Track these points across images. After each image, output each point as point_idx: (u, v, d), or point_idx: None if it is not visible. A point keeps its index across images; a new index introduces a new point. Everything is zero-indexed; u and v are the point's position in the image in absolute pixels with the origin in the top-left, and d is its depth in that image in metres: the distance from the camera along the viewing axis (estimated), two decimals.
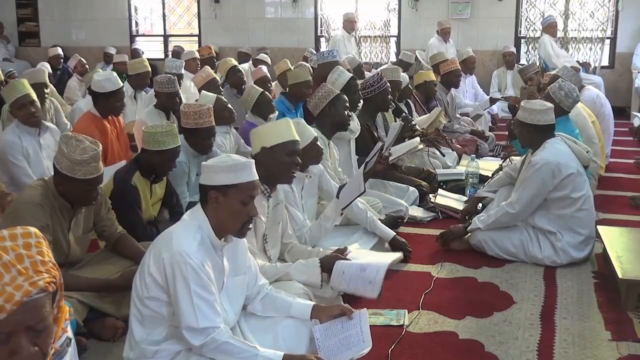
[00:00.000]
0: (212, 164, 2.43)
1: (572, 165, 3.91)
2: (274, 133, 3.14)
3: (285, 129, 3.17)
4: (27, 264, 1.34)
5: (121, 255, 3.35)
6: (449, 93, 7.09)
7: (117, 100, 4.90)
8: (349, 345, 2.56)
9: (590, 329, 3.19)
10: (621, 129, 8.24)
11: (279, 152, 3.09)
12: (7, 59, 11.68)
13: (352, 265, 3.03)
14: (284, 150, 3.10)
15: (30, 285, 1.32)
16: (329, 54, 6.66)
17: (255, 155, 3.11)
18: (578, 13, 10.30)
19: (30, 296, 1.31)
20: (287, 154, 3.11)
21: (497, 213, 4.05)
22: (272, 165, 3.08)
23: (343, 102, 4.37)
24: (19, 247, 1.35)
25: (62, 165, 2.95)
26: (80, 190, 3.00)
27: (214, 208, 2.42)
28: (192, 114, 4.11)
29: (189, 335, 2.32)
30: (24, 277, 1.32)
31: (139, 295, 2.41)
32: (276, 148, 3.10)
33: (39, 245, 1.38)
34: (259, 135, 3.18)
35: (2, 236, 1.35)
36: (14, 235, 1.36)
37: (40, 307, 1.34)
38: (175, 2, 12.19)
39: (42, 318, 1.34)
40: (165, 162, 3.68)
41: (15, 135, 4.42)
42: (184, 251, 2.30)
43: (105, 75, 5.00)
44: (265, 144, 3.11)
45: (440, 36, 9.80)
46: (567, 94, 4.61)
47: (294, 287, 2.89)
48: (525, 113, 3.99)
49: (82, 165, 2.93)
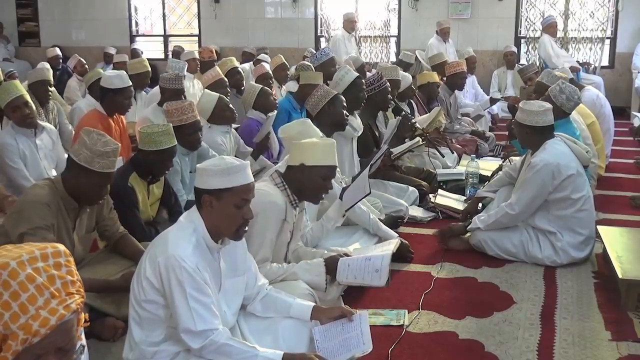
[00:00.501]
0: (206, 167, 2.41)
1: (572, 166, 3.91)
2: (318, 154, 3.06)
3: (329, 153, 3.10)
4: (59, 285, 1.35)
5: (122, 255, 3.35)
6: (452, 94, 7.08)
7: (125, 98, 4.94)
8: (348, 347, 2.56)
9: (590, 329, 3.19)
10: (621, 129, 8.24)
11: (316, 174, 3.04)
12: (7, 59, 11.68)
13: (357, 258, 3.07)
14: (321, 173, 3.05)
15: (64, 309, 1.33)
16: (321, 54, 6.86)
17: (293, 167, 3.07)
18: (578, 13, 10.30)
19: (64, 319, 1.32)
20: (323, 178, 3.07)
21: (497, 214, 4.05)
22: (306, 183, 3.05)
23: (341, 102, 4.38)
24: (51, 268, 1.35)
25: (80, 157, 2.97)
26: (94, 184, 3.02)
27: (208, 212, 2.40)
28: (174, 111, 4.12)
29: (187, 338, 2.32)
30: (58, 301, 1.33)
31: (136, 298, 2.41)
32: (316, 169, 3.04)
33: (69, 264, 1.39)
34: (302, 150, 3.07)
35: (35, 257, 1.34)
36: (45, 256, 1.35)
37: (71, 328, 1.35)
38: (175, 2, 12.19)
39: (71, 338, 1.36)
40: (162, 162, 3.67)
41: (10, 137, 4.37)
42: (179, 255, 2.30)
43: (115, 72, 5.09)
44: (306, 162, 3.03)
45: (440, 36, 9.79)
46: (568, 97, 4.59)
47: (298, 288, 2.89)
48: (524, 114, 3.98)
49: (102, 158, 2.96)
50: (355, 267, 3.01)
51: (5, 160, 4.33)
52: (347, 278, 3.02)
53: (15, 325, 1.29)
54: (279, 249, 3.12)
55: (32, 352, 1.30)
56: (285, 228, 3.08)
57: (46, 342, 1.30)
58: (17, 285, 1.30)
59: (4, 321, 1.28)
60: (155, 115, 5.21)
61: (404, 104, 6.34)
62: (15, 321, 1.29)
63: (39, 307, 1.30)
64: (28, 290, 1.30)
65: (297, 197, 3.09)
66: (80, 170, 2.98)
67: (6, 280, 1.29)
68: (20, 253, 1.34)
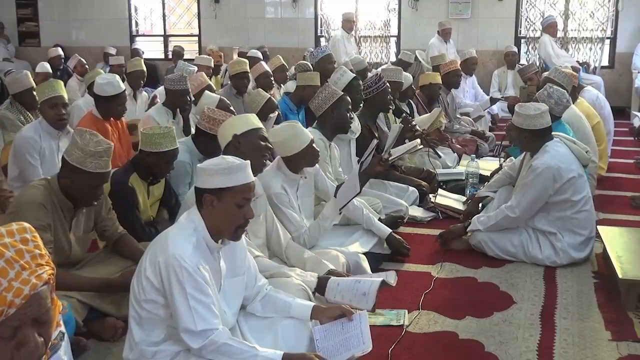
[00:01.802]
0: (206, 166, 2.42)
1: (573, 169, 3.89)
2: (244, 121, 3.36)
3: (253, 118, 3.39)
4: (28, 258, 1.37)
5: (122, 255, 3.35)
6: (449, 93, 7.09)
7: (118, 104, 4.89)
8: (348, 347, 2.56)
9: (590, 329, 3.18)
10: (621, 129, 8.24)
11: (250, 138, 3.25)
12: (7, 59, 11.69)
13: (346, 279, 3.08)
14: (255, 135, 3.27)
15: (36, 278, 1.35)
16: (318, 51, 7.03)
17: (227, 144, 3.27)
18: (578, 13, 10.30)
19: (37, 289, 1.35)
20: (259, 138, 3.28)
21: (497, 216, 4.04)
22: (245, 150, 3.15)
23: (346, 104, 4.38)
24: (18, 243, 1.38)
25: (72, 157, 2.97)
26: (87, 185, 3.01)
27: (209, 211, 2.41)
28: (216, 121, 3.98)
29: (187, 338, 2.32)
30: (29, 272, 1.35)
31: (136, 297, 2.41)
32: (248, 134, 3.26)
33: (35, 239, 1.42)
34: (228, 124, 3.36)
35: (0, 234, 1.38)
36: (11, 232, 1.39)
37: (45, 298, 1.38)
38: (175, 2, 12.19)
39: (47, 309, 1.38)
40: (162, 164, 3.66)
41: (35, 133, 4.37)
42: (179, 254, 2.30)
43: (107, 78, 4.97)
44: (237, 131, 3.27)
45: (441, 36, 9.79)
46: (557, 102, 4.52)
47: (291, 284, 2.89)
48: (520, 118, 3.95)
49: (94, 158, 2.95)
50: (343, 288, 2.99)
51: (25, 155, 4.32)
52: (335, 297, 3.00)
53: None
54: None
55: (8, 325, 1.33)
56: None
57: (21, 312, 1.33)
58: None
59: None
60: (159, 115, 5.19)
61: (404, 104, 6.34)
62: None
63: (11, 279, 1.33)
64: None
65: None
66: (73, 170, 2.97)
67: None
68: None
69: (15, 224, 1.42)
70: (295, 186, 3.67)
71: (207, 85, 5.86)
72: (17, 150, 4.37)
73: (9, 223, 1.43)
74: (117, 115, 4.98)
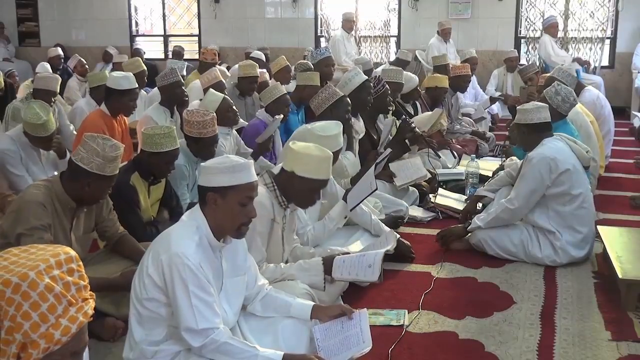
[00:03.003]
0: (210, 165, 2.42)
1: (569, 162, 3.91)
2: (311, 166, 3.00)
3: (323, 167, 3.03)
4: (74, 292, 1.38)
5: (122, 255, 3.35)
6: (454, 95, 7.08)
7: (130, 99, 4.94)
8: (349, 346, 2.56)
9: (590, 329, 3.19)
10: (621, 129, 8.23)
11: (305, 185, 3.02)
12: (7, 59, 11.68)
13: (352, 255, 3.15)
14: (310, 185, 3.03)
15: (82, 316, 1.37)
16: (318, 52, 6.96)
17: (285, 171, 3.06)
18: (578, 13, 10.31)
19: (82, 326, 1.37)
20: (311, 190, 3.05)
21: (496, 210, 4.06)
22: (295, 190, 3.05)
23: (346, 105, 4.40)
24: (65, 275, 1.38)
25: (92, 165, 2.96)
26: (103, 188, 3.05)
27: (212, 209, 2.41)
28: (195, 123, 4.02)
29: (188, 337, 2.32)
30: (76, 308, 1.37)
31: (137, 296, 2.41)
32: (305, 180, 3.01)
33: (80, 269, 1.42)
34: (297, 158, 3.02)
35: (50, 265, 1.37)
36: (59, 263, 1.39)
37: (85, 332, 1.40)
38: (175, 2, 12.19)
39: (85, 342, 1.41)
40: (162, 165, 3.66)
41: (12, 144, 4.29)
42: (182, 252, 2.30)
43: (122, 73, 5.08)
44: (297, 171, 2.99)
45: (441, 36, 9.79)
46: (564, 99, 4.58)
47: (297, 288, 2.89)
48: (520, 114, 4.05)
49: (112, 162, 3.00)
50: (349, 264, 3.07)
51: (6, 166, 4.26)
52: (342, 274, 3.07)
53: (35, 334, 1.32)
54: (273, 249, 3.13)
55: (50, 359, 1.34)
56: (276, 228, 3.10)
57: (64, 348, 1.35)
58: (37, 295, 1.33)
59: (23, 331, 1.31)
60: (157, 115, 5.20)
61: (409, 105, 6.34)
62: (36, 330, 1.32)
63: (59, 315, 1.34)
64: (48, 300, 1.33)
65: (286, 199, 3.10)
66: (90, 177, 2.98)
67: (26, 292, 1.32)
68: (36, 262, 1.36)
69: (62, 252, 1.41)
70: None
71: (219, 81, 5.84)
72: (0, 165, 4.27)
73: (55, 248, 1.41)
74: (128, 110, 5.01)
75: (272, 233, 3.08)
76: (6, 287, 1.31)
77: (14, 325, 1.31)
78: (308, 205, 3.18)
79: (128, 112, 5.04)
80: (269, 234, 3.06)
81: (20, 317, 1.31)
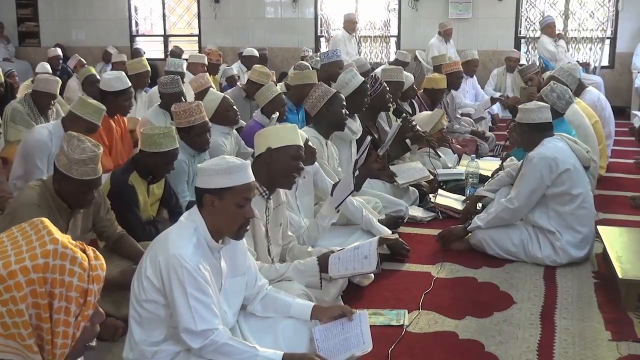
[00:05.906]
0: (207, 166, 2.42)
1: (569, 162, 3.91)
2: (281, 135, 3.14)
3: (292, 133, 3.18)
4: None
5: (121, 255, 3.34)
6: (449, 93, 7.09)
7: (125, 100, 4.92)
8: (349, 347, 2.56)
9: (590, 329, 3.18)
10: (621, 129, 8.22)
11: (284, 155, 3.09)
12: (7, 59, 11.69)
13: (346, 250, 3.15)
14: (290, 152, 3.10)
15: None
16: (332, 54, 6.79)
17: (259, 155, 3.12)
18: (578, 13, 10.32)
19: None
20: (293, 157, 3.11)
21: (496, 210, 4.07)
22: (276, 166, 3.08)
23: (340, 101, 4.37)
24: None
25: (60, 163, 2.95)
26: (75, 190, 2.99)
27: (210, 211, 2.41)
28: (182, 112, 4.11)
29: (187, 338, 2.32)
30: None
31: (136, 297, 2.41)
32: (283, 149, 3.09)
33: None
34: (265, 135, 3.18)
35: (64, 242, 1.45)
36: (65, 243, 1.46)
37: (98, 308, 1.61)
38: (175, 2, 12.19)
39: (103, 316, 1.67)
40: (162, 164, 3.66)
41: (48, 137, 4.30)
42: (180, 254, 2.30)
43: (114, 74, 5.03)
44: (272, 145, 3.10)
45: (442, 36, 9.78)
46: (559, 96, 4.59)
47: (294, 288, 2.89)
48: (521, 114, 4.05)
49: (80, 165, 2.92)
50: (345, 259, 3.06)
51: (34, 158, 4.26)
52: (339, 271, 3.06)
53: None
54: (258, 247, 3.09)
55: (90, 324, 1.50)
56: (257, 223, 3.05)
57: (95, 314, 1.52)
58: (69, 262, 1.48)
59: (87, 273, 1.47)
60: (156, 118, 5.19)
61: (406, 104, 6.33)
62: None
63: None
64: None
65: (268, 187, 3.09)
66: (60, 175, 2.96)
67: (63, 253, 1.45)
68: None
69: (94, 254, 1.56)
70: (294, 186, 3.67)
71: (209, 87, 5.83)
72: (27, 152, 4.32)
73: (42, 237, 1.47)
74: (124, 110, 4.99)
75: (255, 228, 3.04)
76: (47, 258, 1.41)
77: (64, 291, 1.41)
78: (293, 178, 3.15)
79: (124, 112, 5.03)
80: (252, 229, 2.98)
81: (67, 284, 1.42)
